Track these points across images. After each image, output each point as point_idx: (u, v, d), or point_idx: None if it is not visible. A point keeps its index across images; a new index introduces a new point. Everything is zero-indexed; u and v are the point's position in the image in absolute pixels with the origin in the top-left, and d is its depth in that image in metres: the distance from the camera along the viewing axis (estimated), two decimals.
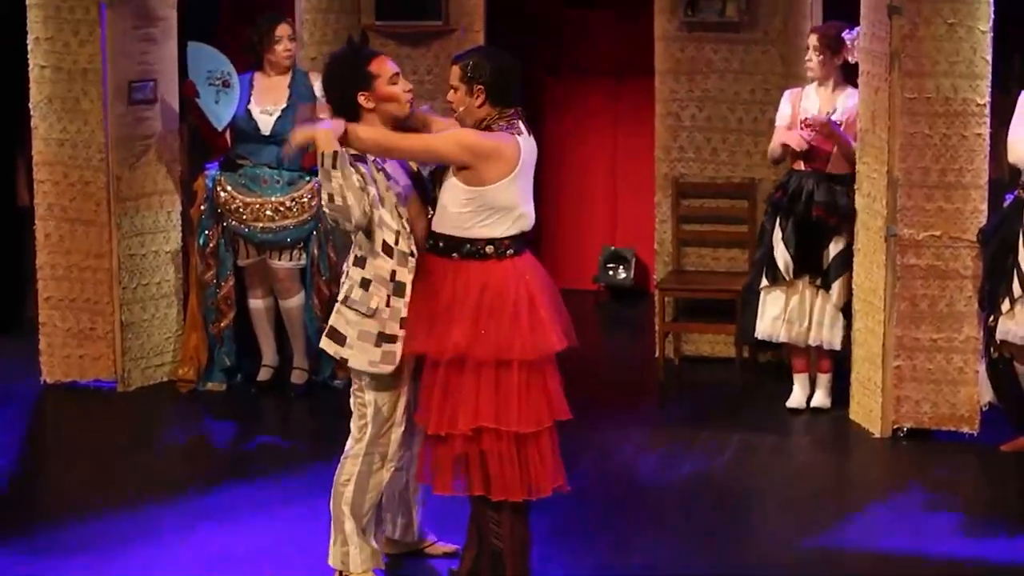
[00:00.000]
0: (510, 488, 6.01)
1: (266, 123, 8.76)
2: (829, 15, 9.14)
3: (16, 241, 10.26)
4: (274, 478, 7.68)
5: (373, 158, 6.05)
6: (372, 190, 5.97)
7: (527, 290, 6.00)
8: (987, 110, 7.90)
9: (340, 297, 6.11)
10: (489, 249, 6.00)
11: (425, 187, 6.22)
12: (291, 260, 8.89)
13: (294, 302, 8.94)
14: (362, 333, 6.05)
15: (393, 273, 6.03)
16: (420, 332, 6.03)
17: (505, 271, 5.98)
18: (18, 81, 9.06)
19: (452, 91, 6.08)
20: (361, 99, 6.09)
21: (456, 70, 6.06)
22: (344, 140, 5.98)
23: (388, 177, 6.06)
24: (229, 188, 8.82)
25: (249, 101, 8.81)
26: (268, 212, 8.77)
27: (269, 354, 9.12)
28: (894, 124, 7.98)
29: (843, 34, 8.43)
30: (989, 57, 7.86)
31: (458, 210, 6.00)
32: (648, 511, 7.36)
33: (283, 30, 8.83)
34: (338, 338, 6.09)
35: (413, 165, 6.23)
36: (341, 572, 6.30)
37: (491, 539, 6.12)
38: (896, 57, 7.93)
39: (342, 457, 6.26)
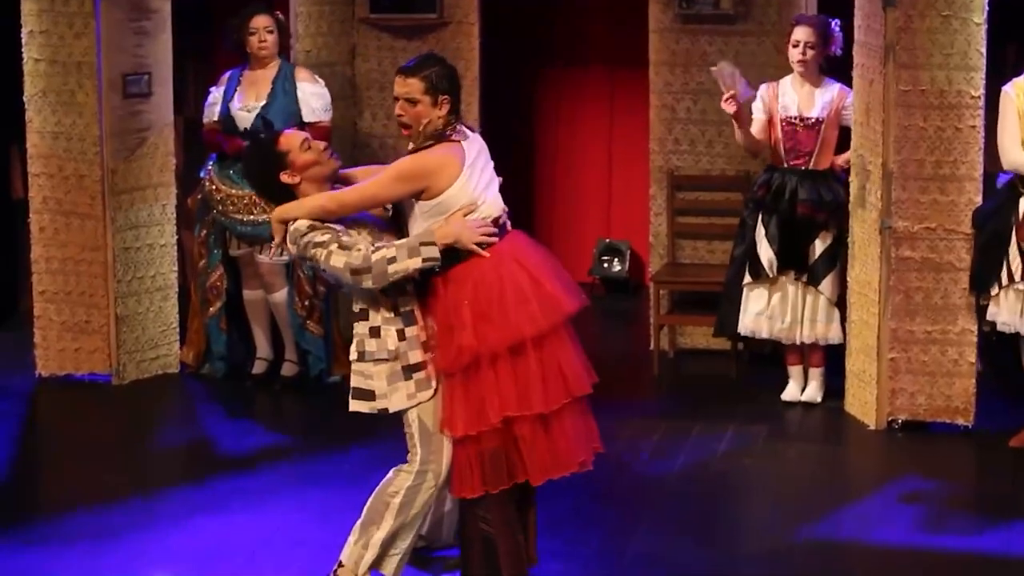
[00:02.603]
0: (545, 468, 5.97)
1: (244, 119, 8.75)
2: (823, 6, 9.15)
3: (11, 234, 10.27)
4: (267, 471, 7.68)
5: None
6: (346, 239, 5.92)
7: (522, 266, 5.96)
8: (982, 102, 7.91)
9: (352, 357, 6.04)
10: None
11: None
12: (273, 255, 8.88)
13: (280, 296, 8.93)
14: (391, 376, 6.00)
15: (396, 306, 6.00)
16: (436, 349, 5.99)
17: (490, 261, 5.94)
18: (13, 74, 9.05)
19: (408, 104, 5.92)
20: (285, 178, 6.01)
21: (416, 82, 5.91)
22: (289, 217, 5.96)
23: (355, 219, 6.04)
24: (216, 179, 8.84)
25: (232, 98, 8.81)
26: (247, 205, 8.77)
27: (264, 346, 9.12)
28: (889, 116, 7.98)
29: (832, 27, 8.43)
30: (984, 49, 7.86)
31: (425, 224, 5.96)
32: (643, 502, 7.37)
33: (258, 22, 8.78)
34: (366, 395, 6.03)
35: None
36: (342, 564, 6.24)
37: (480, 526, 6.09)
38: (891, 49, 7.93)
39: (394, 469, 6.12)
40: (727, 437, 8.16)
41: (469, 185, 5.94)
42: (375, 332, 6.01)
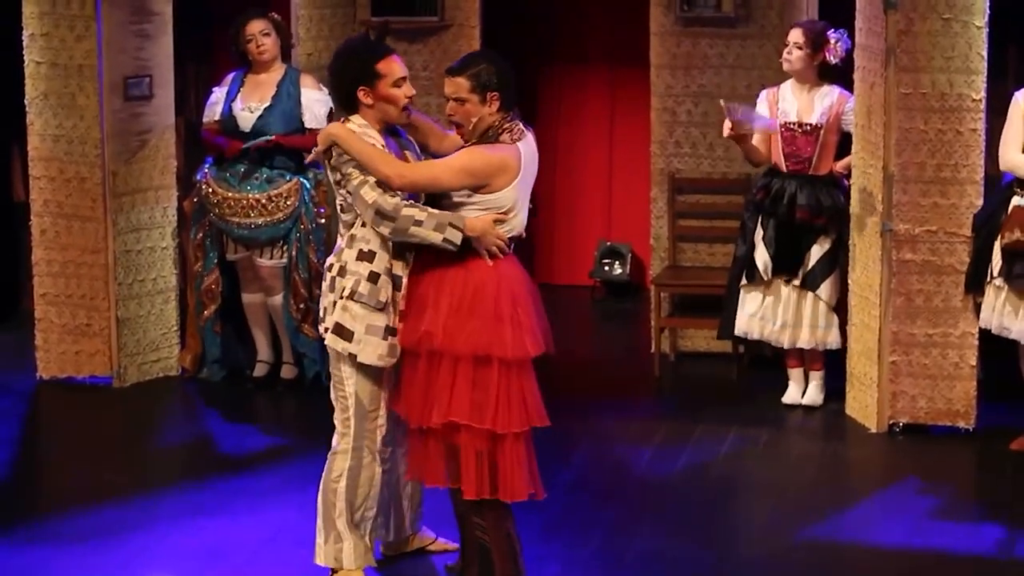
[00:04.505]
0: (482, 486, 5.98)
1: (246, 120, 8.75)
2: (824, 9, 9.15)
3: (12, 236, 10.27)
4: (267, 472, 7.69)
5: (383, 145, 6.04)
6: None
7: (510, 290, 5.98)
8: (983, 105, 7.90)
9: (345, 293, 6.05)
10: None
11: None
12: (273, 258, 8.87)
13: (280, 299, 8.93)
14: (371, 327, 6.02)
15: (390, 267, 6.03)
16: (406, 324, 6.03)
17: (488, 269, 5.96)
18: (14, 77, 9.05)
19: (456, 103, 5.96)
20: (360, 94, 6.04)
21: (463, 81, 5.94)
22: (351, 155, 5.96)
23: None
24: (212, 182, 8.83)
25: (235, 99, 8.80)
26: (245, 208, 8.76)
27: (264, 349, 9.12)
28: (890, 120, 7.98)
29: (828, 32, 8.43)
30: (985, 52, 7.86)
31: (459, 210, 5.98)
32: (644, 504, 7.37)
33: (253, 27, 8.76)
34: (345, 334, 6.05)
35: (409, 157, 6.21)
36: (334, 570, 6.29)
37: (476, 533, 6.11)
38: (892, 52, 7.93)
39: (330, 454, 6.25)
40: (728, 440, 8.16)
41: (515, 192, 5.96)
42: (374, 278, 6.02)
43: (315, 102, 8.79)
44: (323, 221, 8.73)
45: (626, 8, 10.59)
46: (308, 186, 8.77)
